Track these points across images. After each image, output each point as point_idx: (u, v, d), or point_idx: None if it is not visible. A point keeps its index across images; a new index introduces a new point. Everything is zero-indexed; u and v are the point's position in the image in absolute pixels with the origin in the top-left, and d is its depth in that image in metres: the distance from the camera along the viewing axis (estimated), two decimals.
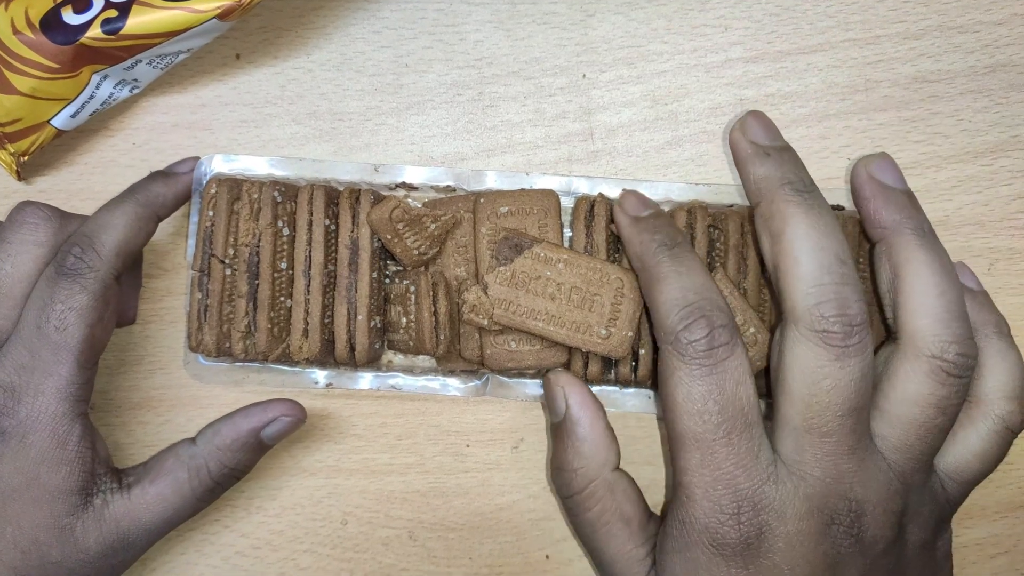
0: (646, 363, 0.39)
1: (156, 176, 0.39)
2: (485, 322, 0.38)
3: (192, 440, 0.37)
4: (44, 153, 0.42)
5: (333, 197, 0.40)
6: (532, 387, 0.41)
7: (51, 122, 0.39)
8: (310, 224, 0.39)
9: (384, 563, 0.42)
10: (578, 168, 0.43)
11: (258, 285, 0.39)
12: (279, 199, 0.39)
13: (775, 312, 0.39)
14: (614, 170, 0.43)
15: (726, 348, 0.33)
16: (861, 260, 0.39)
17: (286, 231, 0.39)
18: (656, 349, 0.37)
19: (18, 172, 0.40)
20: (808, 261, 0.33)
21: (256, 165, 0.41)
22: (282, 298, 0.39)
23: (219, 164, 0.41)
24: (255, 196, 0.39)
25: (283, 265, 0.39)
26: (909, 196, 0.36)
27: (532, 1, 0.43)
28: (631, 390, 0.40)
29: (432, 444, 0.42)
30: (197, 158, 0.40)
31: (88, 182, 0.43)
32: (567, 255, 0.38)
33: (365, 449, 0.42)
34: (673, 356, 0.34)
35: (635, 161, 0.43)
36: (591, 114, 0.43)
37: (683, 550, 0.34)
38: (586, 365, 0.39)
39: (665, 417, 0.34)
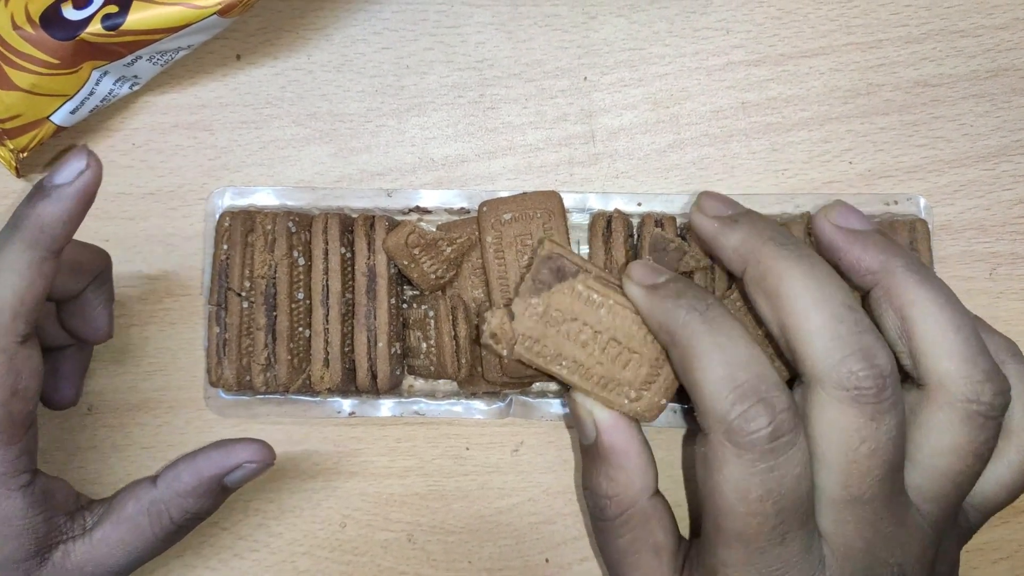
0: None
1: (36, 196, 0.31)
2: (504, 352, 0.34)
3: (152, 481, 0.35)
4: (43, 152, 0.42)
5: (347, 225, 0.40)
6: (556, 406, 0.40)
7: (51, 118, 0.39)
8: (326, 253, 0.39)
9: (383, 566, 0.41)
10: (579, 171, 0.43)
11: (276, 317, 0.38)
12: (293, 229, 0.39)
13: None
14: (615, 172, 0.43)
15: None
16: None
17: (302, 261, 0.39)
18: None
19: (17, 169, 0.40)
20: (817, 314, 0.30)
21: (265, 199, 0.41)
22: (301, 328, 0.39)
23: (229, 199, 0.41)
24: (269, 227, 0.39)
25: (300, 295, 0.39)
26: (885, 235, 0.34)
27: (534, 3, 0.43)
28: None
29: (431, 447, 0.42)
30: (84, 147, 0.32)
31: None
32: (613, 300, 0.33)
33: (364, 452, 0.42)
34: (725, 447, 0.29)
35: (636, 164, 0.43)
36: (592, 117, 0.43)
37: None
38: None
39: (704, 506, 0.31)
